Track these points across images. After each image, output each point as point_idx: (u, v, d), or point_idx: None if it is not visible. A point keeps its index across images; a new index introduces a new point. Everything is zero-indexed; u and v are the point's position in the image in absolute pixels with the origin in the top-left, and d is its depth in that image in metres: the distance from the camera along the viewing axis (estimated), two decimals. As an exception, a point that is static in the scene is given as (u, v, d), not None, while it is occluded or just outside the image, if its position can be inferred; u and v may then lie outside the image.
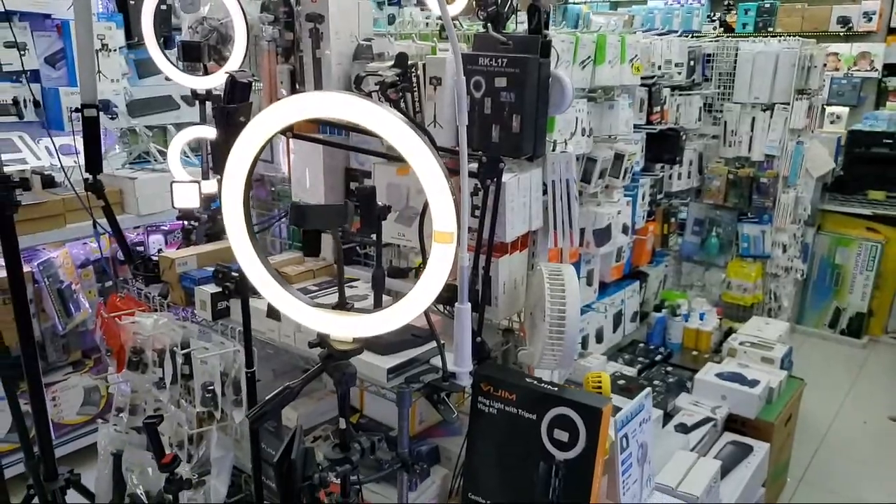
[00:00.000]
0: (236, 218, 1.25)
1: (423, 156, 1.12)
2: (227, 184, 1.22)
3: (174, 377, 2.13)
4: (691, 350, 3.81)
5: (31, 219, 3.24)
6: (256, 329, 2.05)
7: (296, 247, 2.68)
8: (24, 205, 3.20)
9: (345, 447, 1.37)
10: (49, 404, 3.46)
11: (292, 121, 1.14)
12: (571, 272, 1.79)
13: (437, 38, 2.00)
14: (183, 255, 2.20)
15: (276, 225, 2.70)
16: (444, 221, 1.14)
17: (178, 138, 2.36)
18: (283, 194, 2.70)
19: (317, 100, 1.13)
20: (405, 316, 1.22)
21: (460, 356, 1.75)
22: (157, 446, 1.77)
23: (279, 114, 1.14)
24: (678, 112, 3.80)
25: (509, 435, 1.78)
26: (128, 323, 2.19)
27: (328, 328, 1.27)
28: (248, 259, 1.27)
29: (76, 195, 2.34)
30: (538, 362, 1.81)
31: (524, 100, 1.77)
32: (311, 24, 2.08)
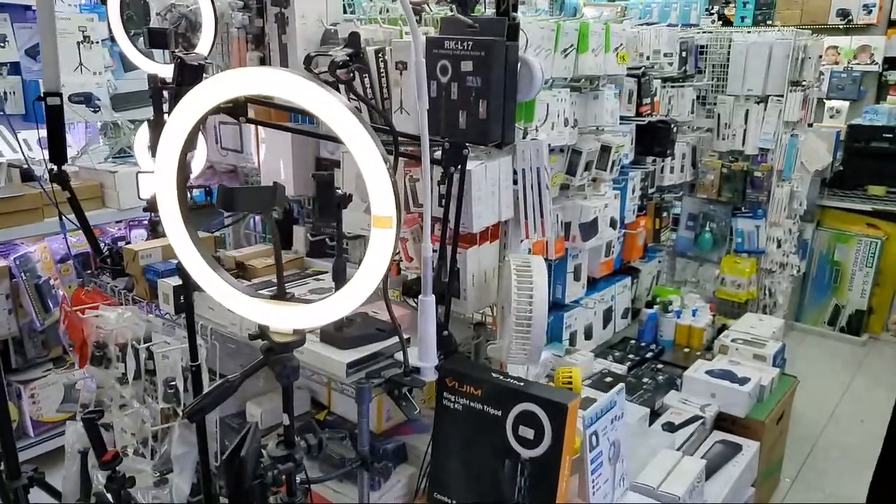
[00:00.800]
0: (170, 202, 1.18)
1: (357, 134, 1.05)
2: (160, 166, 1.15)
3: (137, 372, 2.08)
4: (683, 347, 3.73)
5: (8, 212, 3.19)
6: (218, 322, 1.99)
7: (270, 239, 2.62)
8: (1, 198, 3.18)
9: (290, 444, 1.31)
10: (27, 402, 3.42)
11: (224, 98, 1.07)
12: (540, 264, 1.72)
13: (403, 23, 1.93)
14: (147, 248, 2.14)
15: (250, 218, 2.63)
16: (382, 205, 1.07)
17: (145, 128, 2.29)
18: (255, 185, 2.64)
19: (246, 75, 1.06)
20: (346, 306, 1.15)
21: (425, 350, 1.69)
22: (98, 442, 1.71)
23: (212, 91, 1.07)
24: (670, 104, 3.73)
25: (475, 432, 1.71)
26: (91, 317, 2.13)
27: (267, 319, 1.21)
28: (185, 248, 1.20)
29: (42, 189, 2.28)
30: (506, 356, 1.74)
31: (490, 84, 1.70)
32: (277, 9, 2.02)
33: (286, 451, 1.29)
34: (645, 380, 3.20)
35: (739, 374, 3.03)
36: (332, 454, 1.86)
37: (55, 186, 2.29)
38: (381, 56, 1.91)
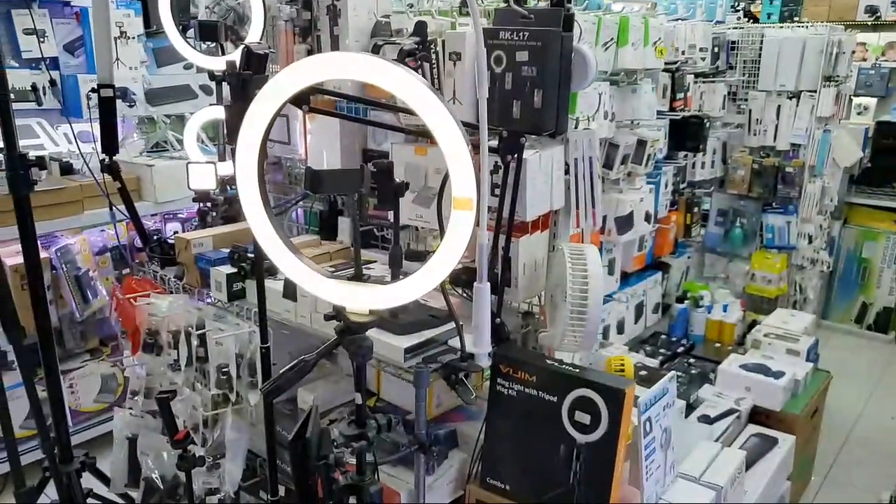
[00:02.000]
0: (251, 187, 1.21)
1: (442, 119, 1.08)
2: (242, 152, 1.18)
3: (189, 359, 2.11)
4: (714, 342, 3.74)
5: (49, 205, 3.24)
6: (272, 310, 2.02)
7: (313, 231, 2.64)
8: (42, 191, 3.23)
9: (361, 423, 1.34)
10: (66, 392, 3.46)
11: (311, 82, 1.10)
12: (594, 252, 1.74)
13: (456, 14, 1.95)
14: (199, 237, 2.17)
15: (294, 209, 2.66)
16: (463, 187, 1.09)
17: (195, 119, 2.34)
18: (300, 177, 2.67)
19: (334, 60, 1.09)
20: (422, 287, 1.18)
21: (479, 337, 1.70)
22: (170, 422, 1.74)
23: (297, 74, 1.10)
24: (702, 99, 3.74)
25: (529, 417, 1.74)
26: (143, 304, 2.17)
27: (344, 300, 1.24)
28: (265, 231, 1.23)
29: (94, 179, 2.32)
30: (559, 344, 1.76)
31: (546, 74, 1.72)
32: (329, 1, 2.05)
33: (358, 430, 1.32)
34: (678, 373, 3.20)
35: (774, 369, 3.03)
36: (385, 438, 1.88)
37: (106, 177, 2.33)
38: (433, 47, 1.93)
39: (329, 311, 1.28)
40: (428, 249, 2.26)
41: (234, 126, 1.32)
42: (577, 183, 1.88)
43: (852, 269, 5.21)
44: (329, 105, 2.28)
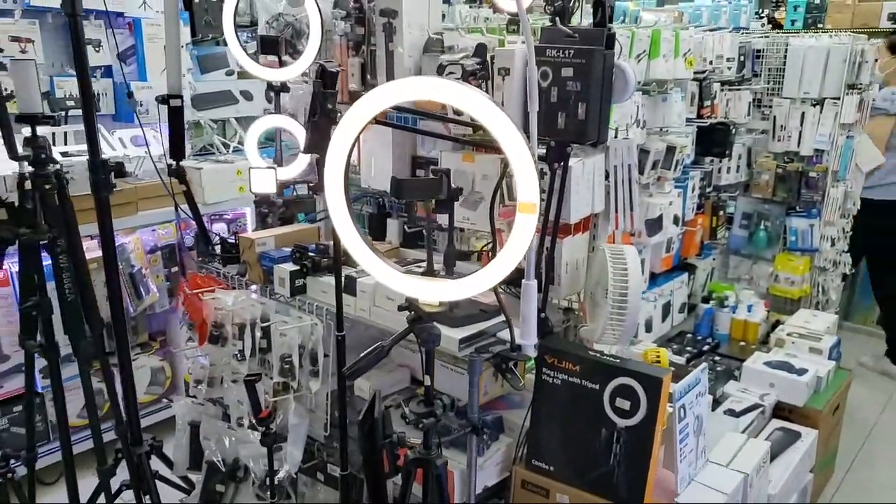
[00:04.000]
0: (338, 195, 1.37)
1: (509, 132, 1.23)
2: (331, 161, 1.35)
3: (253, 350, 2.28)
4: (738, 341, 3.87)
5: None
6: (332, 304, 2.19)
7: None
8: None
9: (429, 403, 1.50)
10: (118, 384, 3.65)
11: (397, 102, 1.26)
12: (634, 252, 1.89)
13: (504, 32, 2.11)
14: (262, 237, 2.34)
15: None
16: (528, 192, 1.25)
17: (256, 127, 2.50)
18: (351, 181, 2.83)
19: (416, 84, 1.25)
20: (487, 282, 1.33)
21: (526, 330, 1.86)
22: (255, 402, 1.91)
23: (385, 94, 1.26)
24: (728, 106, 3.87)
25: (572, 404, 1.89)
26: (209, 299, 2.34)
27: (418, 293, 1.40)
28: (349, 234, 1.39)
29: (161, 180, 2.50)
30: (599, 337, 1.92)
31: (590, 89, 1.87)
32: (385, 19, 2.21)
33: (427, 409, 1.48)
34: (705, 371, 3.34)
35: (797, 366, 3.16)
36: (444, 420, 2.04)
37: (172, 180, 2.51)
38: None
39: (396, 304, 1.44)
40: (471, 249, 2.42)
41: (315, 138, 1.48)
42: (616, 188, 2.03)
43: (873, 272, 5.30)
44: (381, 116, 2.45)
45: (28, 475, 2.42)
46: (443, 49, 2.18)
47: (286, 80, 2.51)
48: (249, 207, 4.14)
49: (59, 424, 2.23)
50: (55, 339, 2.10)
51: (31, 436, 2.39)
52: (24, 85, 1.91)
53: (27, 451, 2.39)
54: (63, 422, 2.23)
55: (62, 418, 2.23)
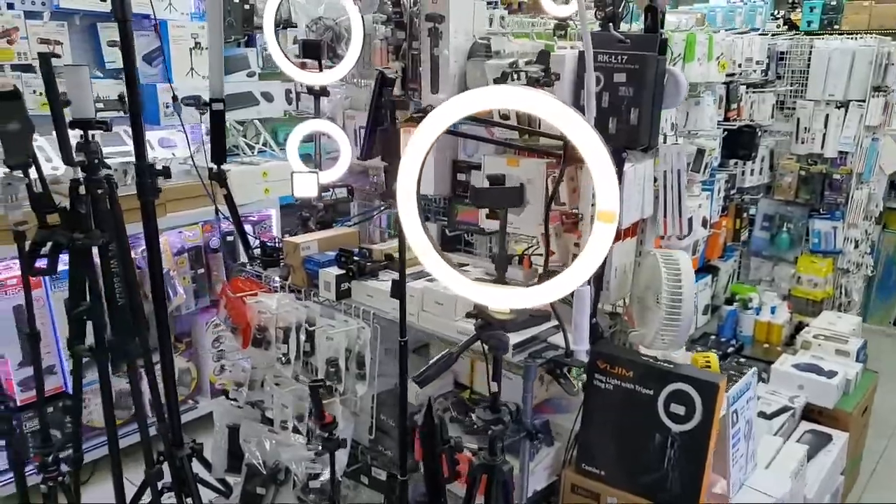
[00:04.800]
0: (410, 203, 1.38)
1: (590, 141, 1.24)
2: (405, 169, 1.35)
3: (297, 353, 2.29)
4: (762, 343, 3.88)
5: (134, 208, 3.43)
6: (378, 308, 2.19)
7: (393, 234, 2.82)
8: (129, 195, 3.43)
9: (496, 409, 1.50)
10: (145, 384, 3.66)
11: (475, 111, 1.27)
12: (686, 258, 1.90)
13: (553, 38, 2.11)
14: (306, 241, 2.35)
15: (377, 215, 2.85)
16: (608, 201, 1.26)
17: (297, 132, 2.51)
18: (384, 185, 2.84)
19: (494, 93, 1.25)
20: (559, 291, 1.34)
21: (579, 335, 1.88)
22: (318, 407, 1.92)
23: (464, 103, 1.27)
24: (752, 109, 3.88)
25: (625, 409, 1.90)
26: (253, 302, 2.35)
27: (489, 300, 1.40)
28: (421, 242, 1.40)
29: (201, 183, 2.51)
30: (651, 342, 1.92)
31: (643, 94, 1.88)
32: (431, 24, 2.21)
33: (494, 416, 1.49)
34: (731, 373, 3.35)
35: (826, 368, 3.17)
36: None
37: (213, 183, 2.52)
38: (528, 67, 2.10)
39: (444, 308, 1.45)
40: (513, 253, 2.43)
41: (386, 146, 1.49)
42: (665, 193, 2.04)
43: (891, 273, 5.32)
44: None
45: (73, 476, 2.43)
46: (489, 54, 2.18)
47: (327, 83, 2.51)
48: (275, 209, 4.15)
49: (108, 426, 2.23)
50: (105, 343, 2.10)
51: (76, 436, 2.40)
52: (78, 90, 1.91)
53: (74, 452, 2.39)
54: (111, 423, 2.24)
55: (110, 419, 2.24)
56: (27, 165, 1.81)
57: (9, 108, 1.77)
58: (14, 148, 1.77)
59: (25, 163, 1.80)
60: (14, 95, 1.78)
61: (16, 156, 1.77)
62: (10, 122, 1.77)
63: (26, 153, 1.79)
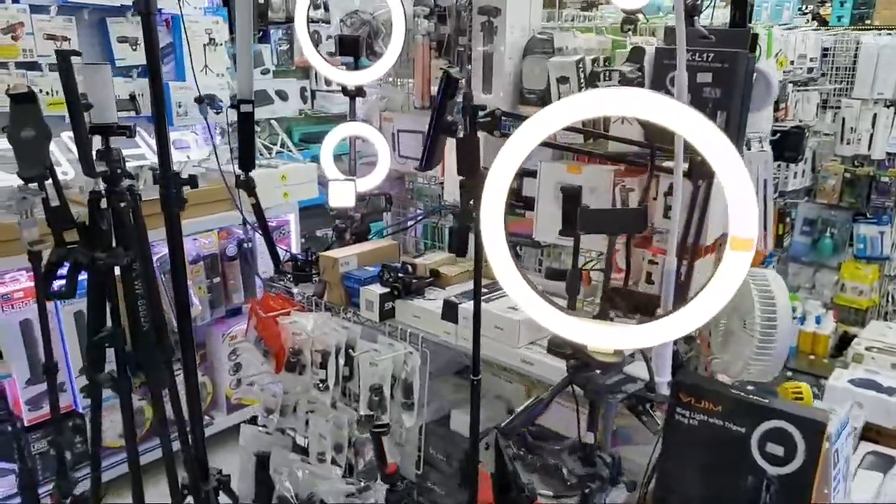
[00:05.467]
0: (497, 222, 1.18)
1: (724, 153, 1.05)
2: (493, 185, 1.16)
3: (337, 378, 2.09)
4: (808, 354, 3.69)
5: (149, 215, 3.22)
6: (426, 330, 2.00)
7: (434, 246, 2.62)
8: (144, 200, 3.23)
9: (590, 462, 1.31)
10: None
11: (584, 117, 1.07)
12: (778, 278, 1.70)
13: (623, 33, 1.91)
14: (345, 255, 2.15)
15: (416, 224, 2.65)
16: (746, 227, 1.06)
17: (332, 136, 2.31)
18: (422, 192, 2.65)
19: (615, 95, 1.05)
20: (686, 326, 1.15)
21: (661, 365, 1.68)
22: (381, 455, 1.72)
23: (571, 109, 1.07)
24: (796, 108, 3.68)
25: (712, 447, 1.69)
26: (287, 323, 2.15)
27: (589, 338, 1.21)
28: (506, 266, 1.21)
29: (227, 190, 2.31)
30: (740, 372, 1.73)
31: (732, 96, 1.68)
32: (485, 18, 2.01)
33: (591, 470, 1.29)
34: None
35: (884, 385, 2.97)
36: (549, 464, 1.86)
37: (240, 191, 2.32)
38: (594, 65, 1.90)
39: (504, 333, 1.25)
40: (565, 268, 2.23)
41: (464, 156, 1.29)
42: (748, 205, 1.83)
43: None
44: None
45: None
46: (552, 50, 1.98)
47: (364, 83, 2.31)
48: (293, 214, 3.94)
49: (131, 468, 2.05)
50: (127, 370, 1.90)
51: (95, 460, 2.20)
52: (99, 91, 1.71)
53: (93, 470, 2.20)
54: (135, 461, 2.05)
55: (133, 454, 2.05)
56: (44, 177, 1.61)
57: (23, 113, 1.57)
58: (29, 157, 1.57)
59: (42, 174, 1.60)
60: (29, 98, 1.58)
61: (31, 166, 1.57)
62: (24, 129, 1.56)
63: (43, 163, 1.59)
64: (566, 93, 1.92)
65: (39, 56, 3.25)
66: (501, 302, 1.92)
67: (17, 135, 1.56)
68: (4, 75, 3.16)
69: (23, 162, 1.58)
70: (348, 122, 2.31)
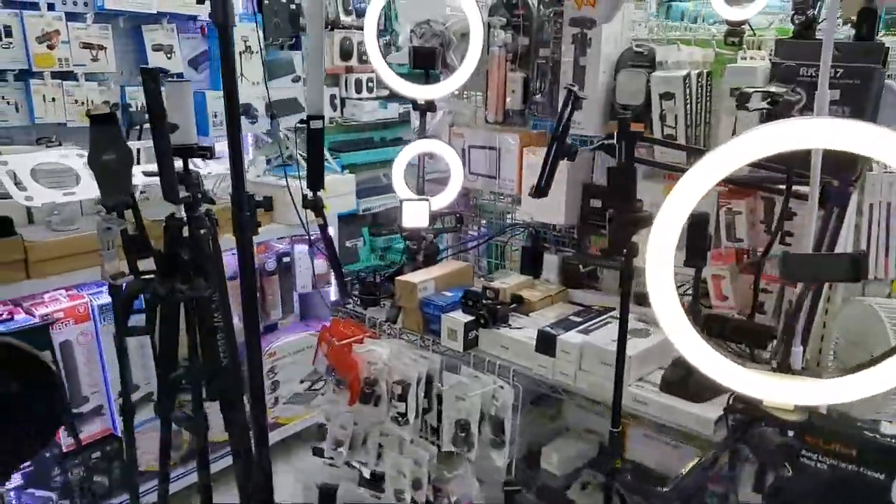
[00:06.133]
0: (664, 272, 1.06)
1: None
2: (664, 224, 1.03)
3: (417, 412, 1.97)
4: None
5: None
6: (515, 362, 1.87)
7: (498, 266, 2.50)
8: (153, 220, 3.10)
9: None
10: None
11: (786, 149, 0.95)
12: (913, 310, 1.58)
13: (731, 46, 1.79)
14: (423, 280, 2.02)
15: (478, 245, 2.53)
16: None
17: (405, 154, 2.18)
18: (485, 209, 2.53)
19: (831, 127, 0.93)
20: (882, 383, 1.02)
21: (787, 404, 1.55)
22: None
23: (768, 141, 0.95)
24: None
25: (844, 495, 1.57)
26: (362, 352, 2.03)
27: (766, 392, 1.08)
28: (674, 317, 1.08)
29: (295, 210, 2.18)
30: (877, 410, 1.61)
31: (863, 114, 1.56)
32: (577, 29, 1.89)
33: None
34: None
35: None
36: None
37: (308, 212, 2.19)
38: (699, 80, 1.78)
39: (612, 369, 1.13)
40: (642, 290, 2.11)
41: (621, 183, 1.17)
42: (869, 228, 1.72)
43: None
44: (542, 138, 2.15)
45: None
46: (641, 63, 1.86)
47: (437, 98, 2.19)
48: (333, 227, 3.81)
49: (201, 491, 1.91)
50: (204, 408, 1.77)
51: None
52: (180, 111, 1.58)
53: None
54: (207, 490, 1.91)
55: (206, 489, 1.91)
56: (127, 205, 1.48)
57: (104, 135, 1.44)
58: (112, 184, 1.44)
59: (126, 202, 1.47)
60: (110, 119, 1.45)
61: (114, 194, 1.44)
62: (105, 152, 1.44)
63: (127, 190, 1.46)
64: (670, 110, 1.80)
65: (76, 65, 3.12)
66: (603, 333, 1.80)
67: (98, 159, 1.44)
68: (40, 86, 3.03)
69: (105, 189, 1.45)
70: (420, 139, 2.19)
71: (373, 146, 4.90)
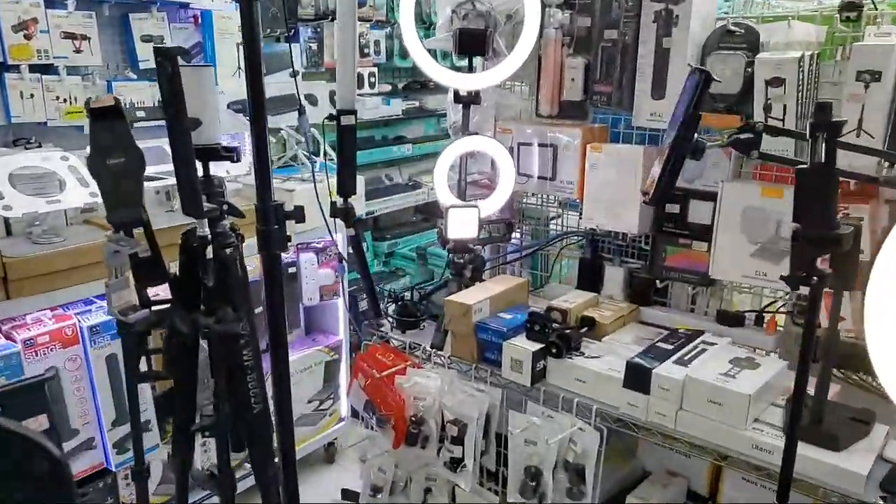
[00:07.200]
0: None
1: None
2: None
3: (474, 457, 1.68)
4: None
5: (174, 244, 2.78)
6: (600, 400, 1.59)
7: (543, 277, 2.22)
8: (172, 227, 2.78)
9: None
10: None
11: None
12: None
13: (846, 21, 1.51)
14: (477, 301, 1.72)
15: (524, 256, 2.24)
16: None
17: (447, 154, 1.89)
18: (529, 214, 2.24)
19: None
20: None
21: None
22: None
23: None
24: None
25: None
26: (406, 385, 1.73)
27: None
28: None
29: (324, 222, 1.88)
30: None
31: None
32: (661, 6, 1.61)
33: None
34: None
35: None
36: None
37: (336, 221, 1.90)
38: (812, 62, 1.51)
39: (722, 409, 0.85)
40: (738, 310, 1.84)
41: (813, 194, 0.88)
42: None
43: None
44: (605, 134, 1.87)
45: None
46: (746, 46, 1.58)
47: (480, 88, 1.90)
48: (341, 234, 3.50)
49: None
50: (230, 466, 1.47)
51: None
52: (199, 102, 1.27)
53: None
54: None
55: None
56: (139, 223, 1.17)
57: (109, 132, 1.13)
58: (119, 195, 1.14)
59: (138, 218, 1.16)
60: (116, 113, 1.14)
61: (123, 208, 1.13)
62: (112, 155, 1.13)
63: (139, 202, 1.16)
64: (778, 98, 1.52)
65: (56, 58, 2.79)
66: (704, 364, 1.52)
67: (101, 164, 1.13)
68: (17, 80, 2.70)
69: (110, 201, 1.14)
70: (466, 136, 1.89)
71: (374, 145, 4.61)
